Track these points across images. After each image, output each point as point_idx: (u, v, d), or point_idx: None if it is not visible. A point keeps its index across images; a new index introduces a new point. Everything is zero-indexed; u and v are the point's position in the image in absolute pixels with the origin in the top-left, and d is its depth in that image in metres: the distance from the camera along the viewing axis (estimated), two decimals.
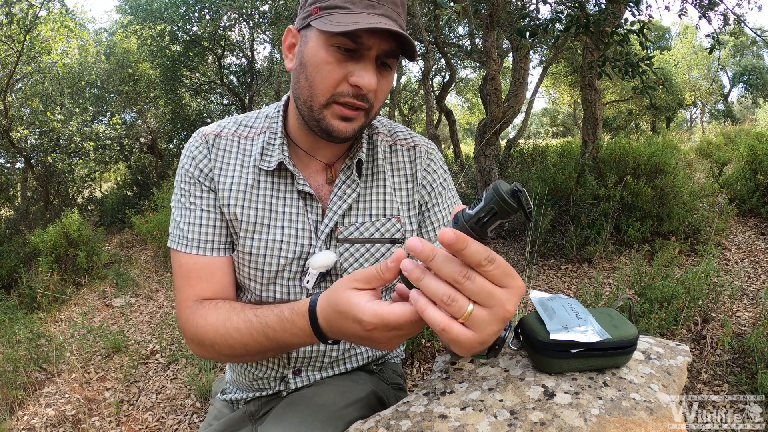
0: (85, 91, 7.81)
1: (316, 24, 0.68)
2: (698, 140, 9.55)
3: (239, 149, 0.81)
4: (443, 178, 0.88)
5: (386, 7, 0.69)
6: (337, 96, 0.70)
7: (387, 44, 0.68)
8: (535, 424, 0.60)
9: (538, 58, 9.06)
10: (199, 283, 0.77)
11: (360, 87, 0.69)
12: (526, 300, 2.47)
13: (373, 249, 0.81)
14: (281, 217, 0.79)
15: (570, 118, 17.91)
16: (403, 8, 0.72)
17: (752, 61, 18.34)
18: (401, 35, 0.67)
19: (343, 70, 0.69)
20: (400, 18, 0.71)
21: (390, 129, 0.88)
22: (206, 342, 0.72)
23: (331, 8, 0.68)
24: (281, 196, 0.80)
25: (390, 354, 0.98)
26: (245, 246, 0.78)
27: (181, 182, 0.80)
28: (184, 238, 0.78)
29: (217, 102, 9.54)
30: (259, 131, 0.83)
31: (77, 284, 4.04)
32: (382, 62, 0.71)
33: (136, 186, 7.71)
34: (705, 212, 3.41)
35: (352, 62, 0.69)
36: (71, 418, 2.12)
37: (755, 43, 5.03)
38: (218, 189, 0.79)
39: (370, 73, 0.68)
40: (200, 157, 0.80)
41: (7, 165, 6.80)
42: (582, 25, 2.72)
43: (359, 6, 0.67)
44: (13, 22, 5.39)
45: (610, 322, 0.71)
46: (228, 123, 0.84)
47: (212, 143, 0.81)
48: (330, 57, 0.68)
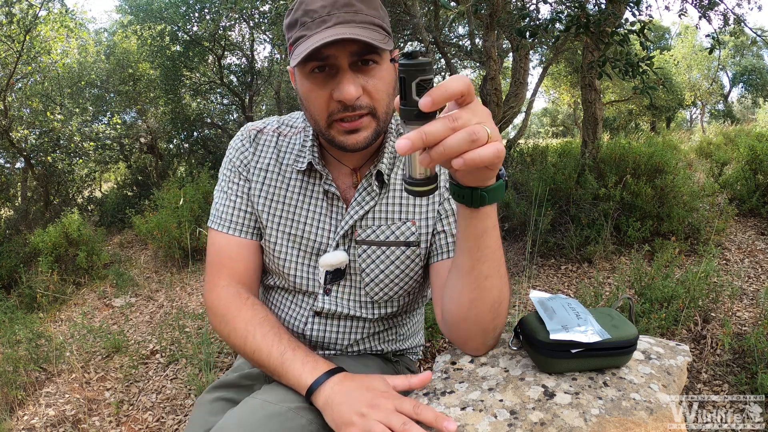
0: (85, 91, 7.80)
1: (291, 61, 0.73)
2: (698, 140, 9.54)
3: (277, 145, 0.89)
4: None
5: (337, 15, 0.70)
6: (333, 115, 0.74)
7: (351, 47, 0.70)
8: (535, 424, 0.60)
9: (538, 58, 9.06)
10: (229, 261, 0.86)
11: (343, 100, 0.72)
12: (527, 300, 2.47)
13: (389, 251, 0.85)
14: (305, 214, 0.86)
15: (570, 118, 17.91)
16: (362, 2, 0.72)
17: (752, 61, 18.33)
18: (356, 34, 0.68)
19: (326, 90, 0.73)
20: (359, 14, 0.72)
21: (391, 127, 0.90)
22: (226, 325, 0.82)
23: (296, 40, 0.73)
24: (308, 194, 0.86)
25: (409, 346, 1.02)
26: (269, 236, 0.87)
27: (224, 169, 0.90)
28: (219, 218, 0.88)
29: (217, 102, 9.53)
30: (298, 130, 0.90)
31: (77, 284, 4.04)
32: (361, 63, 0.73)
33: (136, 186, 7.70)
34: (705, 212, 3.41)
35: (331, 80, 0.73)
36: (71, 418, 2.12)
37: (755, 43, 5.03)
38: (252, 180, 0.87)
39: (346, 84, 0.71)
40: (242, 149, 0.89)
41: (7, 165, 6.80)
42: (582, 25, 2.72)
43: (313, 27, 0.71)
44: (13, 22, 5.39)
45: (610, 322, 0.71)
46: (272, 121, 0.92)
47: (254, 138, 0.89)
48: (311, 84, 0.74)
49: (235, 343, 0.81)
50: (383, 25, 0.74)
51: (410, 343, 1.02)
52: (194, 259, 4.33)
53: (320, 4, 0.71)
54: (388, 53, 0.76)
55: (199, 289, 3.71)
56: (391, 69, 0.77)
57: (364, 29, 0.70)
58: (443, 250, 0.83)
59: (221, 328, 0.83)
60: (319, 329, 0.90)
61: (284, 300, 0.93)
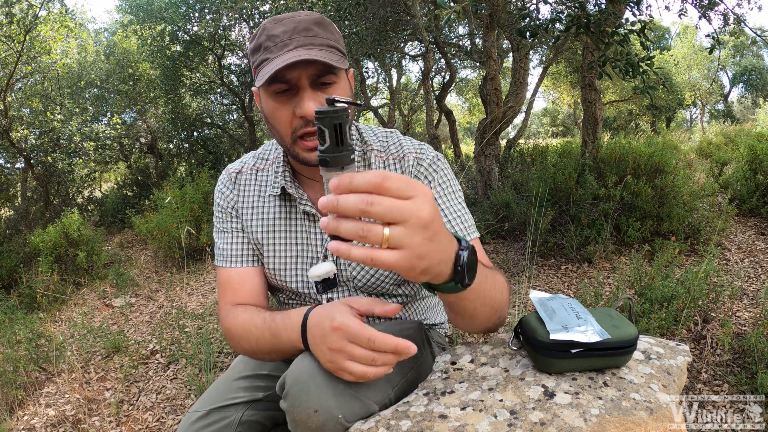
0: (85, 91, 7.80)
1: (256, 82, 0.80)
2: (698, 140, 9.54)
3: (257, 180, 0.96)
4: (432, 176, 0.90)
5: (297, 39, 0.77)
6: (296, 131, 0.80)
7: (310, 69, 0.77)
8: (535, 424, 0.60)
9: (538, 58, 9.07)
10: (233, 291, 0.93)
11: (305, 116, 0.78)
12: (527, 300, 2.47)
13: None
14: (292, 236, 0.92)
15: (570, 118, 17.91)
16: (318, 26, 0.80)
17: (752, 61, 18.33)
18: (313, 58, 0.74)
19: (289, 109, 0.79)
20: (317, 38, 0.78)
21: (384, 143, 0.93)
22: (235, 337, 0.86)
23: (260, 63, 0.79)
24: (290, 217, 0.92)
25: (434, 322, 1.05)
26: (267, 263, 0.93)
27: (216, 212, 0.98)
28: (221, 255, 0.95)
29: (217, 102, 9.53)
30: (271, 162, 0.96)
31: (77, 284, 4.04)
32: (320, 83, 0.79)
33: (136, 186, 7.71)
34: (705, 212, 3.41)
35: (294, 98, 0.79)
36: (71, 418, 2.12)
37: (755, 43, 5.03)
38: (242, 217, 0.94)
39: (306, 100, 0.77)
40: (226, 192, 0.96)
41: (7, 165, 6.80)
42: (582, 25, 2.72)
43: (275, 51, 0.77)
44: (12, 22, 5.39)
45: (610, 322, 0.71)
46: (249, 158, 0.99)
47: (234, 180, 0.97)
48: (275, 103, 0.80)
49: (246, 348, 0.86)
50: (339, 47, 0.81)
51: (435, 320, 1.05)
52: (194, 259, 4.33)
53: (281, 29, 0.78)
54: (344, 72, 0.83)
55: (200, 289, 3.71)
56: (347, 88, 0.84)
57: (322, 51, 0.77)
58: None
59: (236, 345, 0.88)
60: None
61: None
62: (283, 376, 0.70)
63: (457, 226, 0.87)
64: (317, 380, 0.66)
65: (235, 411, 0.84)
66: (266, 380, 0.91)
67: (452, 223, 0.87)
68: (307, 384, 0.66)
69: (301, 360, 0.70)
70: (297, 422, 0.66)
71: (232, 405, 0.85)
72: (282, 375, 0.71)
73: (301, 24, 0.78)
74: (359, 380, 0.65)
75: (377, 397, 0.70)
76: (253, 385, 0.89)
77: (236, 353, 0.89)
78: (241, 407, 0.85)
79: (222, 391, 0.87)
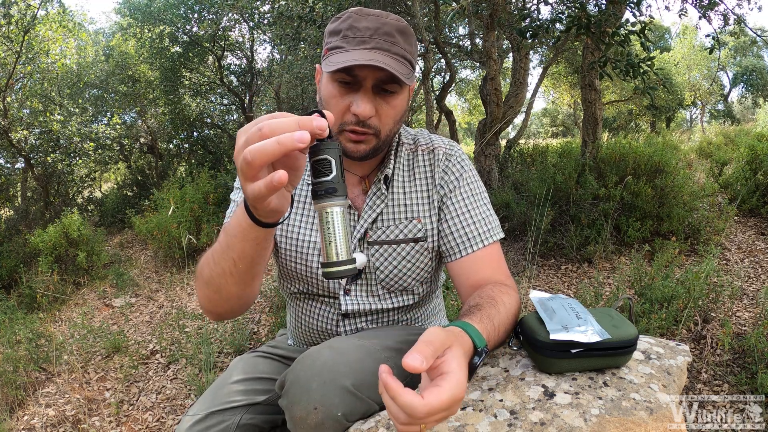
0: (84, 92, 7.79)
1: (323, 64, 0.80)
2: (698, 140, 9.54)
3: None
4: (460, 173, 0.93)
5: (377, 40, 0.78)
6: (344, 124, 0.81)
7: (380, 74, 0.77)
8: (535, 424, 0.60)
9: (538, 59, 9.07)
10: None
11: (358, 115, 0.78)
12: (527, 300, 2.47)
13: (399, 248, 0.91)
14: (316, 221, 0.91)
15: (570, 118, 17.91)
16: (401, 35, 0.80)
17: (752, 62, 18.33)
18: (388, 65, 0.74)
19: (345, 101, 0.79)
20: (395, 46, 0.79)
21: (414, 138, 0.96)
22: (198, 271, 0.76)
23: (333, 49, 0.80)
24: None
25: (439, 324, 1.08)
26: (292, 243, 0.91)
27: (236, 182, 0.96)
28: (231, 211, 0.91)
29: (217, 102, 9.53)
30: None
31: (77, 284, 4.03)
32: (382, 89, 0.79)
33: (136, 186, 7.70)
34: (705, 212, 3.40)
35: (353, 93, 0.79)
36: (71, 418, 2.12)
37: (755, 43, 5.02)
38: None
39: (366, 102, 0.78)
40: None
41: (7, 165, 6.80)
42: (583, 25, 2.72)
43: (352, 44, 0.78)
44: (11, 23, 5.38)
45: (610, 322, 0.71)
46: None
47: None
48: (335, 90, 0.80)
49: (206, 274, 0.74)
50: (412, 61, 0.82)
51: (437, 323, 1.08)
52: (194, 260, 4.32)
53: (365, 25, 0.78)
54: (407, 87, 0.83)
55: None
56: (404, 101, 0.84)
57: (395, 61, 0.77)
58: (455, 251, 0.90)
59: (199, 281, 0.77)
60: (350, 328, 0.96)
61: (311, 307, 0.98)
62: (284, 374, 0.70)
63: (480, 228, 0.89)
64: (318, 379, 0.66)
65: (233, 414, 0.84)
66: (264, 383, 0.91)
67: (477, 225, 0.89)
68: (308, 382, 0.66)
69: (302, 359, 0.70)
70: (296, 420, 0.66)
71: (230, 408, 0.85)
72: (282, 375, 0.71)
73: (386, 27, 0.78)
74: (254, 159, 0.49)
75: (378, 397, 0.69)
76: (252, 388, 0.89)
77: (203, 306, 0.79)
78: (239, 411, 0.85)
79: (220, 394, 0.87)
